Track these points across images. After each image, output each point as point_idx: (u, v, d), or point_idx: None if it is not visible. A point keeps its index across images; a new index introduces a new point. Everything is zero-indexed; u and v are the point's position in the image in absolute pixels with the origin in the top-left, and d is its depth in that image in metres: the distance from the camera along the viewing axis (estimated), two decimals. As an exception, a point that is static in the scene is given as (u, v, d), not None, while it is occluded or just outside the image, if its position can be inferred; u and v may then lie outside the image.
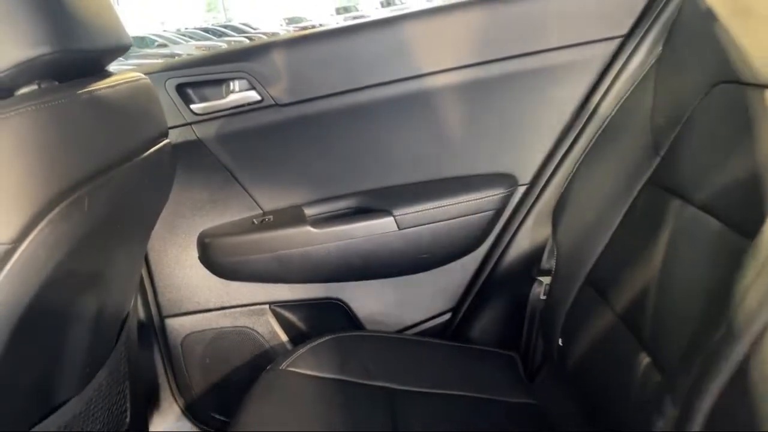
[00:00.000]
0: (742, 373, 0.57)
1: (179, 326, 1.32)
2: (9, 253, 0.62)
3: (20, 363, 0.69)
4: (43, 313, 0.69)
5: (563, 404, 1.07)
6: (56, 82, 0.72)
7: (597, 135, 1.12)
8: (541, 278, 1.17)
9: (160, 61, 1.19)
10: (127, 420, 1.06)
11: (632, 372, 0.80)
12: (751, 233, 0.65)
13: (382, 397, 1.05)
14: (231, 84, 1.19)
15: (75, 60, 0.73)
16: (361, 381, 1.07)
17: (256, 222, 1.27)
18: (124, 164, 0.78)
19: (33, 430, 0.75)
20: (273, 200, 1.28)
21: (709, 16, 0.87)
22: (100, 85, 0.77)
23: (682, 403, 0.64)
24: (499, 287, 1.29)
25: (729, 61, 0.81)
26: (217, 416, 1.37)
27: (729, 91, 0.81)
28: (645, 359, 0.79)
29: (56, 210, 0.65)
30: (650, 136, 0.96)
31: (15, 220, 0.61)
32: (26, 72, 0.67)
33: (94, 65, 0.81)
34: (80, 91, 0.72)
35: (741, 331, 0.58)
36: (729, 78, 0.81)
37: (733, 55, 0.80)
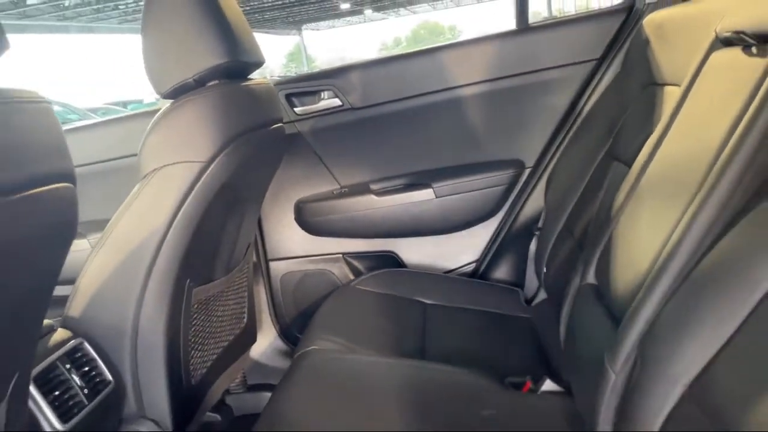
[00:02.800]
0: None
1: (278, 268, 1.84)
2: (204, 168, 1.15)
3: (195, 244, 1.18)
4: (209, 218, 1.20)
5: (547, 318, 1.50)
6: (227, 80, 1.25)
7: (576, 128, 1.57)
8: (537, 233, 1.61)
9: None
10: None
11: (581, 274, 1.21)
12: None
13: (417, 307, 1.52)
14: (322, 94, 1.73)
15: (236, 67, 1.26)
16: (403, 296, 1.55)
17: (335, 192, 1.78)
18: (260, 129, 1.31)
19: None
20: (347, 177, 1.79)
21: (645, 43, 1.31)
22: (250, 84, 1.30)
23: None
24: (510, 243, 1.74)
25: (653, 70, 1.24)
26: (301, 336, 1.86)
27: (652, 89, 1.23)
28: (590, 268, 1.20)
29: (228, 148, 1.17)
30: (608, 124, 1.40)
31: (210, 147, 1.14)
32: (212, 73, 1.20)
33: (243, 72, 1.35)
34: (240, 86, 1.26)
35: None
36: (652, 81, 1.25)
37: (655, 66, 1.24)
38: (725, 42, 0.89)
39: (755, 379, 0.62)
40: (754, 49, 0.81)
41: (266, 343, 1.85)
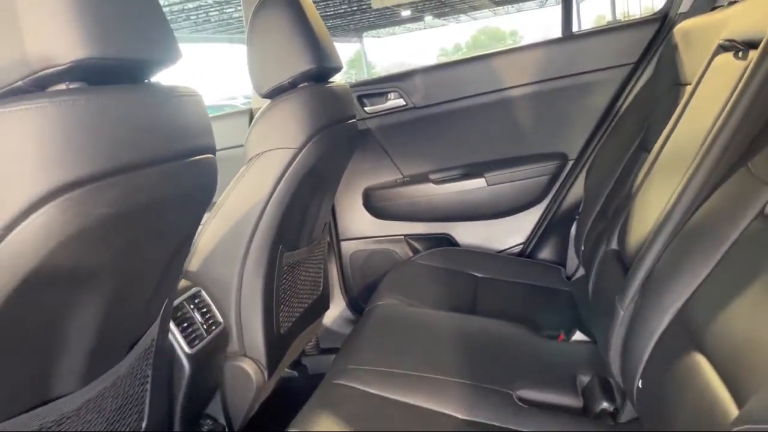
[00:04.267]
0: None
1: (348, 247, 2.11)
2: (296, 154, 1.42)
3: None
4: (298, 195, 1.46)
5: (583, 289, 1.70)
6: (314, 82, 1.52)
7: (614, 124, 1.77)
8: (577, 217, 1.82)
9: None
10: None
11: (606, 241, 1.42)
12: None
13: (470, 278, 1.75)
14: (389, 95, 1.99)
15: (321, 72, 1.52)
16: (457, 269, 1.78)
17: (398, 181, 2.04)
18: (339, 124, 1.56)
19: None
20: (409, 168, 2.04)
21: (674, 48, 1.50)
22: (332, 85, 1.56)
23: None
24: (554, 226, 1.95)
25: (678, 72, 1.44)
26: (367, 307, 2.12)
27: (676, 89, 1.43)
28: (614, 237, 1.41)
29: (315, 138, 1.43)
30: (640, 121, 1.60)
31: (302, 137, 1.40)
32: (302, 76, 1.46)
33: (326, 76, 1.61)
34: (324, 87, 1.52)
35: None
36: (677, 82, 1.45)
37: (680, 69, 1.43)
38: (724, 47, 1.09)
39: (724, 305, 0.83)
40: (740, 54, 1.01)
41: (337, 312, 2.12)
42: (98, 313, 0.84)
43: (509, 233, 2.01)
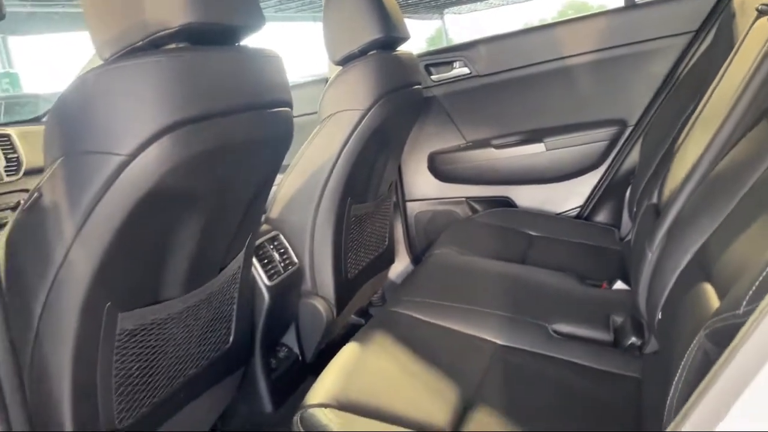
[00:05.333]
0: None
1: (413, 207, 2.27)
2: (364, 115, 1.58)
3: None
4: (365, 153, 1.62)
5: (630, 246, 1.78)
6: (381, 50, 1.67)
7: (673, 91, 1.82)
8: (632, 181, 1.88)
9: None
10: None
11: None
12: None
13: (524, 236, 1.87)
14: (454, 64, 2.11)
15: (389, 41, 1.66)
16: (513, 228, 1.90)
17: (461, 146, 2.16)
18: (404, 89, 1.71)
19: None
20: (472, 133, 2.16)
21: (732, 16, 1.54)
22: (398, 53, 1.71)
23: None
24: (611, 190, 2.02)
25: (733, 38, 1.49)
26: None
27: (730, 54, 1.47)
28: (655, 192, 1.49)
29: (381, 100, 1.58)
30: (697, 87, 1.65)
31: (369, 99, 1.56)
32: (371, 45, 1.61)
33: (394, 45, 1.75)
34: (391, 54, 1.67)
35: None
36: (731, 46, 1.49)
37: (735, 35, 1.48)
38: (761, 12, 1.15)
39: (732, 240, 0.92)
40: (769, 17, 1.08)
41: (401, 267, 2.29)
42: (196, 233, 1.04)
43: (567, 196, 2.10)
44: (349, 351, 1.10)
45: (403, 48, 1.83)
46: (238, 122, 0.98)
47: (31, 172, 1.66)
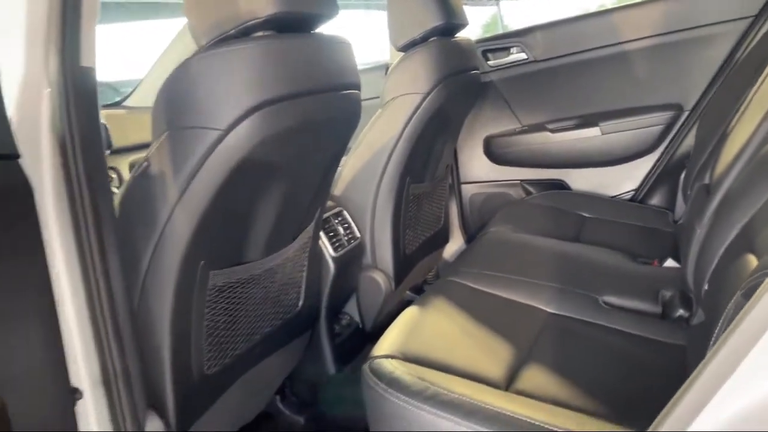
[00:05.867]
0: None
1: (468, 189, 2.34)
2: (424, 98, 1.66)
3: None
4: (424, 135, 1.71)
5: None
6: (441, 36, 1.75)
7: (731, 75, 1.83)
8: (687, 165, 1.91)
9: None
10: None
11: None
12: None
13: (577, 217, 1.92)
14: (511, 49, 2.17)
15: (448, 27, 1.74)
16: (566, 209, 1.96)
17: (517, 130, 2.22)
18: (462, 73, 1.79)
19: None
20: (528, 117, 2.21)
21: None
22: (457, 39, 1.78)
23: None
24: (666, 174, 2.05)
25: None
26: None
27: None
28: (707, 172, 1.53)
29: (440, 84, 1.66)
30: (756, 71, 1.66)
31: (429, 83, 1.64)
32: (431, 32, 1.70)
33: (453, 31, 1.83)
34: (450, 40, 1.75)
35: None
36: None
37: None
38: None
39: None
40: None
41: (455, 247, 2.38)
42: (276, 202, 1.16)
43: (622, 180, 2.13)
44: (410, 313, 1.21)
45: (462, 35, 1.91)
46: (316, 102, 1.09)
47: (117, 152, 1.83)
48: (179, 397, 1.08)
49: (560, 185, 2.22)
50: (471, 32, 2.35)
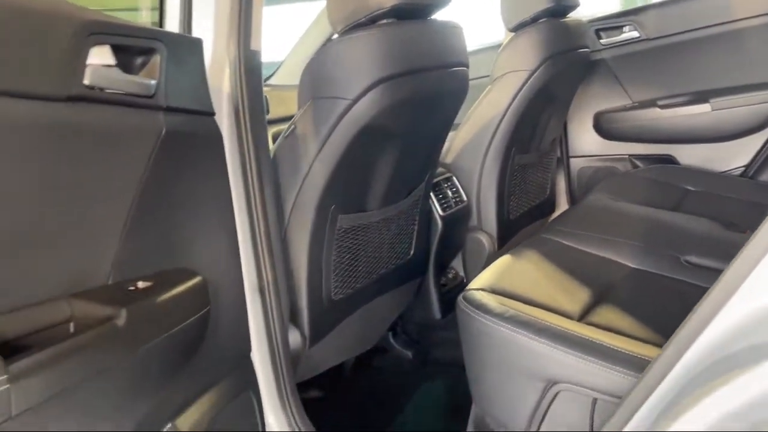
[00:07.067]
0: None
1: (576, 163, 2.45)
2: (530, 75, 1.82)
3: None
4: (531, 109, 1.86)
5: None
6: (551, 17, 1.89)
7: None
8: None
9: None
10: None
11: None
12: None
13: (680, 190, 1.99)
14: (624, 28, 2.25)
15: (558, 9, 1.88)
16: (670, 182, 2.03)
17: (627, 106, 2.30)
18: (570, 52, 1.92)
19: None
20: (638, 93, 2.28)
21: None
22: (566, 20, 1.92)
23: None
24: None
25: None
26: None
27: None
28: None
29: (547, 62, 1.81)
30: None
31: (536, 60, 1.80)
32: (542, 13, 1.85)
33: (563, 13, 1.96)
34: (560, 21, 1.88)
35: None
36: None
37: None
38: None
39: None
40: None
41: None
42: (392, 162, 1.40)
43: (732, 156, 2.15)
44: (503, 259, 1.40)
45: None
46: (428, 78, 1.31)
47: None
48: (312, 314, 1.36)
49: (669, 160, 2.28)
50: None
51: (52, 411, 0.65)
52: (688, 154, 2.24)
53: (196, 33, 1.06)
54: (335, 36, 1.28)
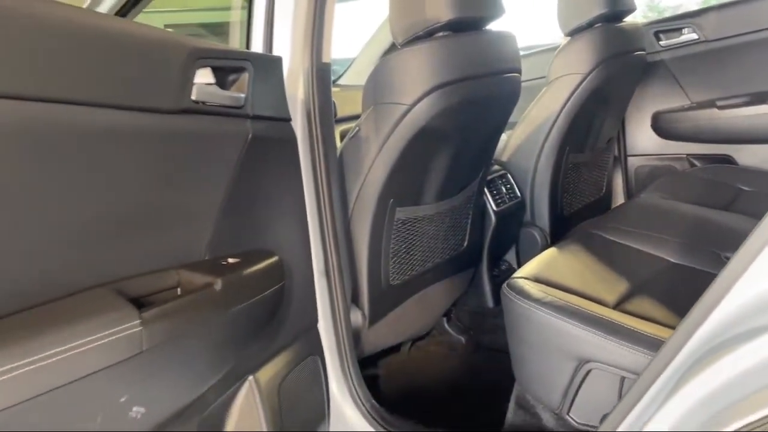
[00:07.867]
0: None
1: (633, 162, 2.51)
2: (584, 78, 1.91)
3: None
4: (584, 111, 1.95)
5: None
6: (605, 23, 1.97)
7: None
8: None
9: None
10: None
11: None
12: None
13: (733, 189, 2.02)
14: (683, 30, 2.29)
15: (612, 14, 1.95)
16: (725, 182, 2.07)
17: (685, 106, 2.34)
18: (625, 55, 1.99)
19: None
20: (697, 94, 2.32)
21: None
22: (621, 25, 1.99)
23: None
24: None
25: None
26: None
27: None
28: None
29: (601, 65, 1.89)
30: None
31: (589, 65, 1.89)
32: (596, 19, 1.93)
33: (618, 17, 2.03)
34: (613, 26, 1.96)
35: None
36: None
37: None
38: None
39: None
40: None
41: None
42: (446, 161, 1.54)
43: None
44: (548, 251, 1.52)
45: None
46: (481, 84, 1.44)
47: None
48: (372, 296, 1.52)
49: (727, 160, 2.30)
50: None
51: (169, 352, 0.84)
52: (747, 155, 2.26)
53: (276, 49, 1.24)
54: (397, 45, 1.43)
